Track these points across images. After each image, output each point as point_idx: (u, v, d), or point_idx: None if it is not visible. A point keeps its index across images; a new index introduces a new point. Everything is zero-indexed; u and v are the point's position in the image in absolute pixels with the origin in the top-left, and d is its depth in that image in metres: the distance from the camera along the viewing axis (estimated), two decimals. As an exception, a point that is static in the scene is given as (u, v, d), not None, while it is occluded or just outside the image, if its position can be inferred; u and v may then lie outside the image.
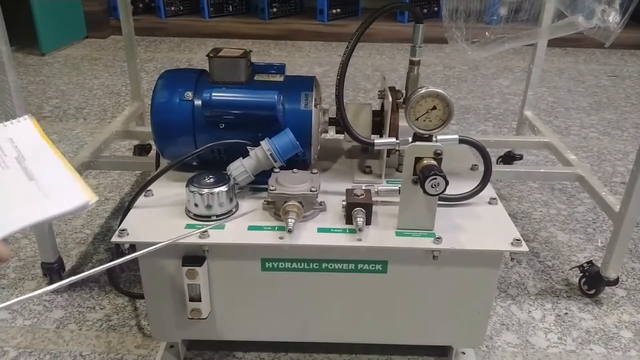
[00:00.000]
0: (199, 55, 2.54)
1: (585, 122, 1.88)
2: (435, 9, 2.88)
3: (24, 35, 2.42)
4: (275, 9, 2.86)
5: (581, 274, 1.05)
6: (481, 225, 0.78)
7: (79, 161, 1.12)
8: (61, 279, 1.00)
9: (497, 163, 1.51)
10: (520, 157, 1.50)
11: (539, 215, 1.31)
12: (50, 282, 1.01)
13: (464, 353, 0.88)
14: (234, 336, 0.84)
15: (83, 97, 2.00)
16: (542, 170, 1.22)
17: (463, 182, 0.84)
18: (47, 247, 0.96)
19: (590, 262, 1.04)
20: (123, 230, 0.74)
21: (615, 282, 0.99)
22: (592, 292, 1.03)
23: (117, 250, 0.93)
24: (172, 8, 2.86)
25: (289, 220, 0.72)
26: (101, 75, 2.24)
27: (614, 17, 0.87)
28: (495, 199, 0.84)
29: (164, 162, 0.90)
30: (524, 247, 0.73)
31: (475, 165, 0.94)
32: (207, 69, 0.85)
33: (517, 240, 0.74)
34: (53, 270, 0.99)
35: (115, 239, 0.73)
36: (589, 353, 0.91)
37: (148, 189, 0.83)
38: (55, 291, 1.01)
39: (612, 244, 0.96)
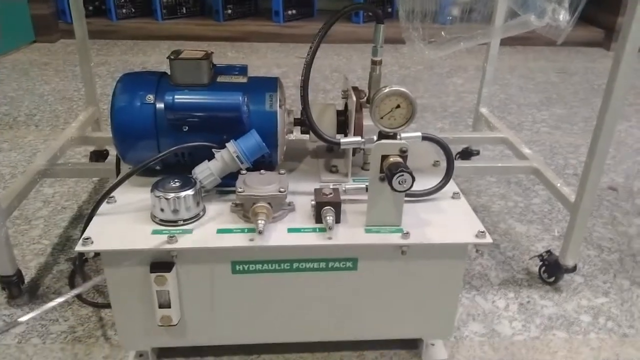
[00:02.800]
0: (153, 58, 2.50)
1: (536, 117, 1.95)
2: (390, 9, 2.93)
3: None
4: (230, 11, 2.84)
5: (541, 263, 1.08)
6: (446, 219, 0.80)
7: (33, 170, 1.08)
8: (21, 291, 0.97)
9: (455, 159, 1.54)
10: (477, 153, 1.55)
11: (498, 208, 1.35)
12: (10, 296, 0.97)
13: (433, 345, 0.89)
14: (205, 341, 0.84)
15: (34, 103, 1.94)
16: (499, 165, 1.25)
17: (426, 178, 0.86)
18: (5, 259, 0.93)
19: (548, 252, 1.08)
20: (87, 238, 0.72)
21: (573, 269, 1.03)
22: (552, 280, 1.07)
23: (80, 260, 0.91)
24: (124, 10, 2.79)
25: (259, 221, 0.72)
26: (52, 80, 2.17)
27: (564, 16, 0.90)
28: (458, 193, 0.86)
29: (124, 168, 0.88)
30: (488, 239, 0.76)
31: (437, 161, 0.96)
32: (167, 71, 0.84)
33: (481, 232, 0.76)
34: (12, 283, 0.95)
35: (79, 247, 0.71)
36: (552, 338, 0.95)
37: (111, 195, 0.81)
38: (15, 305, 0.97)
39: (568, 233, 1.00)
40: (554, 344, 0.93)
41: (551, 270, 1.06)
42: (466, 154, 1.54)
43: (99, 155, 1.46)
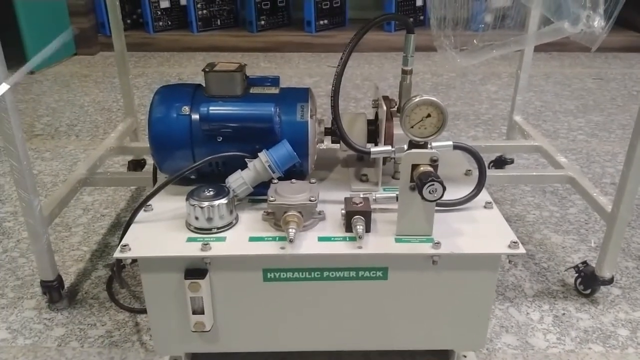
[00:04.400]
0: (188, 69, 2.55)
1: (573, 124, 1.91)
2: (421, 17, 2.92)
3: (12, 53, 2.41)
4: (263, 22, 2.88)
5: (576, 275, 1.06)
6: (478, 229, 0.79)
7: (74, 178, 1.12)
8: (61, 296, 1.00)
9: (488, 168, 1.53)
10: (512, 161, 1.53)
11: (533, 218, 1.33)
12: (50, 300, 1.00)
13: (465, 356, 0.88)
14: (237, 347, 0.85)
15: (74, 114, 2.01)
16: (534, 174, 1.24)
17: (458, 188, 0.85)
18: (46, 265, 0.96)
19: (584, 263, 1.05)
20: (125, 245, 0.74)
21: (610, 281, 1.01)
22: (588, 292, 1.04)
23: (118, 266, 0.94)
24: (160, 23, 2.87)
25: (290, 230, 0.73)
26: (91, 91, 2.24)
27: (599, 22, 0.89)
28: (490, 203, 0.85)
29: (161, 176, 0.90)
30: (521, 249, 0.75)
31: (469, 170, 0.96)
32: (202, 83, 0.86)
33: (514, 242, 0.75)
34: (53, 289, 0.98)
35: (117, 254, 0.74)
36: (587, 352, 0.92)
37: (148, 203, 0.83)
38: (55, 309, 1.01)
39: (605, 243, 0.98)
40: (590, 358, 0.91)
41: (587, 282, 1.04)
42: (500, 163, 1.52)
43: (136, 165, 1.50)
